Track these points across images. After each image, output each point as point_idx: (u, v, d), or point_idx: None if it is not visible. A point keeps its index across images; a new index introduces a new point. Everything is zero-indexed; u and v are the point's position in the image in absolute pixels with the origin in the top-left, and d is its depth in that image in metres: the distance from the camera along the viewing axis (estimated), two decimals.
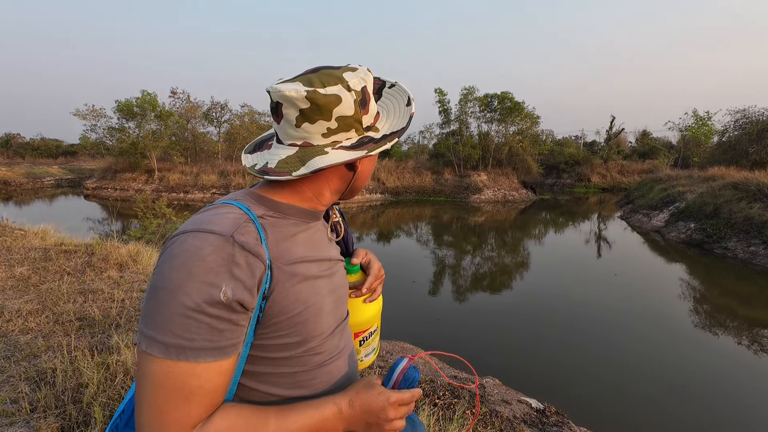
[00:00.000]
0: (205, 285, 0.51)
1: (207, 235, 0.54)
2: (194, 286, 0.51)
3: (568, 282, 8.64)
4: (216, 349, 0.53)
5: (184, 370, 0.51)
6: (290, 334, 0.62)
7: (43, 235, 5.43)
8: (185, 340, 0.51)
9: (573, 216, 19.39)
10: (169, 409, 0.52)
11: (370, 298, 0.87)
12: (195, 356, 0.52)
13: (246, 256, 0.55)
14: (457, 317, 6.68)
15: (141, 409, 0.53)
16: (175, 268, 0.52)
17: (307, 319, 0.63)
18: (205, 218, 0.58)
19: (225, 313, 0.53)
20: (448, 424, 2.48)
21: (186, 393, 0.52)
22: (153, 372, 0.52)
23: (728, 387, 4.64)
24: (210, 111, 26.01)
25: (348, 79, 0.63)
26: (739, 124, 20.56)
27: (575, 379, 4.73)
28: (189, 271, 0.52)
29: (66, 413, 1.82)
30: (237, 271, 0.53)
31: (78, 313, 2.91)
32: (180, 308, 0.51)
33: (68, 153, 43.35)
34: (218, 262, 0.53)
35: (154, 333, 0.51)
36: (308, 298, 0.63)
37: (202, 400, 0.53)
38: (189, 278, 0.51)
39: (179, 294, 0.51)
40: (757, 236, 10.29)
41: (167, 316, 0.51)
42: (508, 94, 24.45)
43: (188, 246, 0.53)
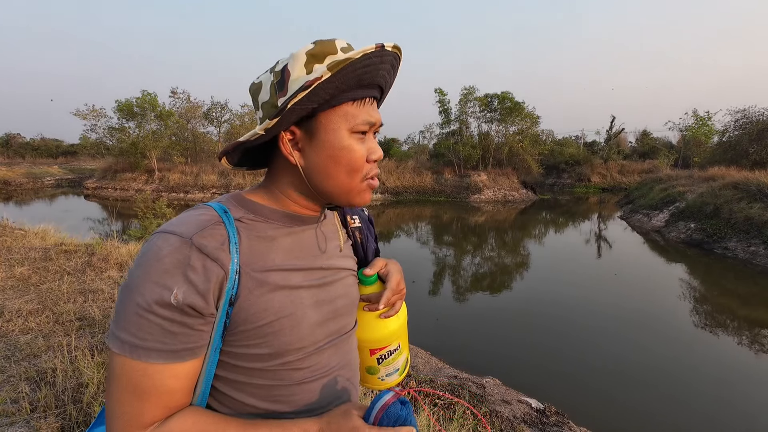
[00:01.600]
0: (157, 286, 0.51)
1: (169, 236, 0.54)
2: (148, 286, 0.51)
3: (568, 282, 8.64)
4: (168, 351, 0.52)
5: (138, 368, 0.51)
6: (260, 344, 0.58)
7: (43, 235, 5.43)
8: (138, 339, 0.51)
9: (573, 216, 19.39)
10: (124, 405, 0.52)
11: (387, 314, 0.77)
12: (146, 356, 0.51)
13: (203, 260, 0.53)
14: (457, 317, 6.67)
15: (107, 401, 0.54)
16: (137, 267, 0.53)
17: (280, 330, 0.59)
18: (178, 219, 0.57)
19: (177, 316, 0.52)
20: (448, 424, 2.48)
21: (139, 392, 0.52)
22: (113, 366, 0.52)
23: (728, 387, 4.64)
24: (210, 111, 26.00)
25: (279, 63, 0.59)
26: (739, 124, 20.54)
27: (575, 379, 4.73)
28: (147, 270, 0.52)
29: (66, 413, 1.83)
30: (191, 275, 0.52)
31: (78, 313, 2.91)
32: (134, 307, 0.51)
33: (68, 153, 43.34)
34: (173, 263, 0.52)
35: (115, 328, 0.52)
36: (282, 308, 0.59)
37: (156, 401, 0.53)
38: (145, 278, 0.52)
39: (135, 293, 0.51)
40: (758, 236, 10.28)
41: (125, 313, 0.52)
42: (508, 94, 24.45)
43: (152, 246, 0.54)
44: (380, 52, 0.57)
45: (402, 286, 0.79)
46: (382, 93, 0.66)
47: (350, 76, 0.56)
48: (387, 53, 0.58)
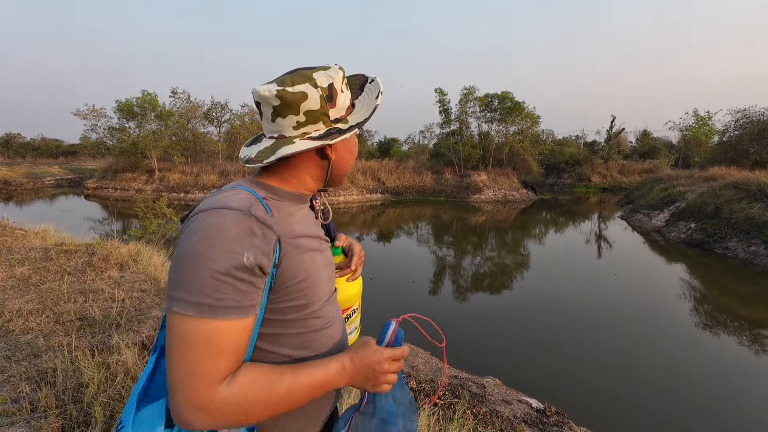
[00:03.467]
0: (230, 252, 0.59)
1: (226, 211, 0.63)
2: (221, 254, 0.59)
3: (568, 282, 8.63)
4: (240, 308, 0.61)
5: (214, 327, 0.59)
6: (297, 297, 0.70)
7: (43, 234, 5.43)
8: (215, 300, 0.58)
9: (573, 216, 19.38)
10: (202, 363, 0.58)
11: (352, 278, 0.96)
12: (224, 314, 0.59)
13: (261, 228, 0.64)
14: (457, 317, 6.67)
15: (173, 367, 0.58)
16: (200, 240, 0.60)
17: (310, 285, 0.71)
18: (219, 199, 0.66)
19: (247, 276, 0.61)
20: (449, 424, 2.48)
21: (215, 348, 0.59)
22: (186, 331, 0.58)
23: (729, 387, 4.64)
24: (210, 111, 25.99)
25: (316, 77, 0.71)
26: (739, 124, 20.52)
27: (575, 379, 4.73)
28: (214, 241, 0.59)
29: (66, 413, 1.83)
30: (255, 240, 0.62)
31: (78, 312, 2.91)
32: (209, 272, 0.58)
33: (69, 153, 43.33)
34: (239, 232, 0.61)
35: (186, 295, 0.58)
36: (309, 267, 0.71)
37: (228, 356, 0.60)
38: (216, 247, 0.59)
39: (208, 261, 0.58)
40: (758, 236, 10.27)
41: (198, 280, 0.58)
42: (508, 94, 24.43)
43: (210, 221, 0.61)
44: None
45: (363, 254, 1.02)
46: None
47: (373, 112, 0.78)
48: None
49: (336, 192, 21.63)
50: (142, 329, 2.74)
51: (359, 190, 22.64)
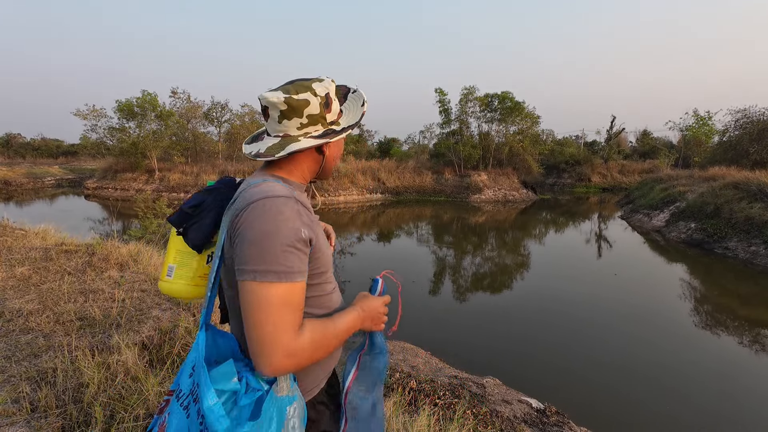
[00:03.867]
0: (292, 229, 0.76)
1: (279, 198, 0.78)
2: (285, 231, 0.75)
3: (568, 282, 8.63)
4: (302, 272, 0.78)
5: (290, 289, 0.75)
6: (320, 265, 0.87)
7: (43, 234, 5.43)
8: (287, 268, 0.75)
9: (573, 216, 19.37)
10: (284, 317, 0.73)
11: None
12: (293, 278, 0.75)
13: (305, 210, 0.82)
14: (457, 317, 6.67)
15: (260, 326, 0.72)
16: (268, 221, 0.75)
17: (325, 255, 0.88)
18: (265, 190, 0.80)
19: (304, 247, 0.78)
20: (449, 424, 2.48)
21: (292, 305, 0.75)
22: (269, 295, 0.73)
23: (729, 387, 4.63)
24: (210, 111, 25.96)
25: (315, 87, 0.88)
26: (739, 124, 20.51)
27: (575, 379, 4.73)
28: (279, 221, 0.75)
29: (67, 413, 1.83)
30: (303, 219, 0.79)
31: (79, 312, 2.91)
32: (281, 246, 0.74)
33: (69, 153, 43.32)
34: (293, 214, 0.78)
35: (266, 266, 0.73)
36: (323, 240, 0.89)
37: (299, 310, 0.77)
38: (281, 226, 0.75)
39: (279, 237, 0.74)
40: (758, 236, 10.27)
41: (273, 253, 0.74)
42: (508, 94, 24.42)
43: (270, 206, 0.76)
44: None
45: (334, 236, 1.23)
46: None
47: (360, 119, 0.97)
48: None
49: (336, 192, 21.64)
50: (142, 329, 2.74)
51: (359, 190, 22.63)
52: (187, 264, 0.97)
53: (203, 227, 0.94)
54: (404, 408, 2.69)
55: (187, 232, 0.93)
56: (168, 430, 0.78)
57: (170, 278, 0.97)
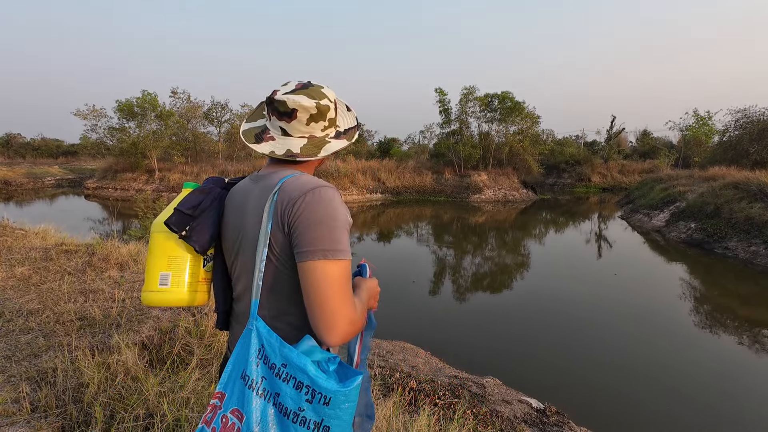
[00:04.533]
0: (344, 213, 0.86)
1: (329, 188, 0.87)
2: (341, 215, 0.85)
3: (568, 282, 8.63)
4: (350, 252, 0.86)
5: (348, 265, 0.84)
6: None
7: (43, 235, 5.43)
8: (346, 247, 0.84)
9: (573, 216, 19.37)
10: (347, 291, 0.83)
11: None
12: (349, 256, 0.84)
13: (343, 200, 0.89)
14: (457, 317, 6.67)
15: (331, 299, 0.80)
16: (330, 207, 0.84)
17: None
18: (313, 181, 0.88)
19: (349, 230, 0.88)
20: (449, 424, 2.48)
21: (349, 279, 0.84)
22: (337, 271, 0.81)
23: (729, 387, 4.63)
24: (210, 111, 25.97)
25: (327, 93, 0.97)
26: (739, 124, 20.51)
27: (576, 379, 4.73)
28: (337, 207, 0.85)
29: (67, 413, 1.83)
30: (345, 207, 0.88)
31: (79, 312, 2.91)
32: (341, 228, 0.84)
33: (69, 153, 43.31)
34: (341, 201, 0.87)
35: (334, 246, 0.81)
36: None
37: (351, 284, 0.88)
38: (339, 211, 0.85)
39: (339, 220, 0.84)
40: (758, 236, 10.27)
41: (337, 234, 0.83)
42: (508, 94, 24.41)
43: (327, 195, 0.85)
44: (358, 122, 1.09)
45: None
46: None
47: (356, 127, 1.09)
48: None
49: None
50: (142, 329, 2.74)
51: (359, 190, 22.63)
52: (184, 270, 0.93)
53: (209, 228, 0.94)
54: (404, 408, 2.69)
55: (191, 234, 0.92)
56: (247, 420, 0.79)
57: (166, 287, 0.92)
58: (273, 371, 0.82)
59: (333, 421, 0.78)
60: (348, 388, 0.78)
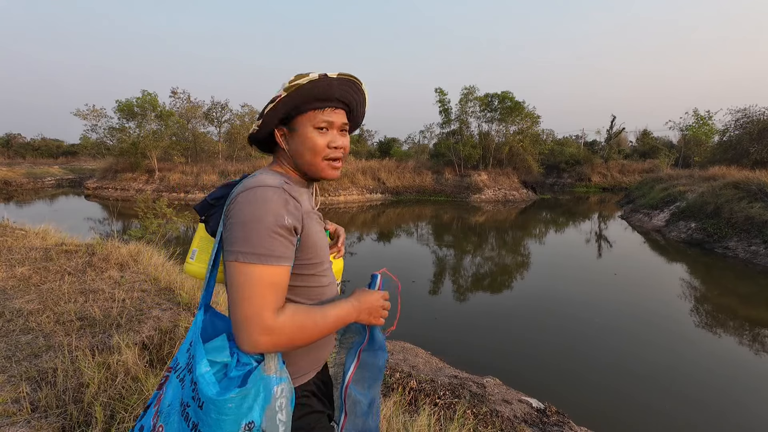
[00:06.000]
0: (276, 216, 0.80)
1: (266, 188, 0.82)
2: (269, 217, 0.79)
3: (568, 282, 8.63)
4: (287, 257, 0.82)
5: (273, 271, 0.79)
6: (314, 256, 0.91)
7: (43, 235, 5.43)
8: (270, 251, 0.79)
9: (573, 215, 19.37)
10: (267, 297, 0.77)
11: (338, 255, 1.20)
12: (277, 261, 0.79)
13: (293, 200, 0.84)
14: (457, 317, 6.67)
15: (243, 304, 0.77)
16: (255, 207, 0.80)
17: (321, 248, 0.93)
18: (257, 180, 0.84)
19: (288, 234, 0.82)
20: (449, 424, 2.48)
21: (273, 286, 0.79)
22: (251, 275, 0.77)
23: (728, 387, 4.63)
24: (210, 111, 25.96)
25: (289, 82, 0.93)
26: (739, 124, 20.52)
27: (576, 378, 4.73)
28: (264, 208, 0.79)
29: (67, 413, 1.83)
30: (290, 208, 0.82)
31: (79, 312, 2.91)
32: (264, 231, 0.78)
33: (69, 153, 43.29)
34: (279, 202, 0.81)
35: (250, 249, 0.78)
36: (319, 233, 0.94)
37: (281, 292, 0.81)
38: (265, 212, 0.79)
39: (262, 221, 0.79)
40: (758, 236, 10.27)
41: (258, 237, 0.78)
42: (508, 94, 24.40)
43: (259, 194, 0.81)
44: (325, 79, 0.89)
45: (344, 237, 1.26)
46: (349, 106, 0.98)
47: (304, 94, 0.89)
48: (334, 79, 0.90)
49: (336, 192, 21.64)
50: (142, 329, 2.74)
51: (359, 190, 22.62)
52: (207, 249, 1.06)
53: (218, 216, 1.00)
54: (404, 408, 2.69)
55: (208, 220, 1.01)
56: (164, 400, 0.86)
57: (192, 260, 1.07)
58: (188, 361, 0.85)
59: (204, 428, 0.74)
60: (220, 398, 0.73)
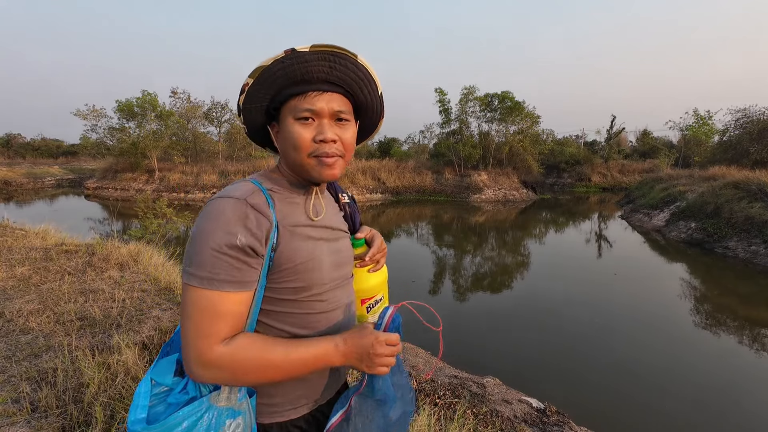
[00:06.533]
0: (226, 233, 0.68)
1: (228, 199, 0.72)
2: (219, 234, 0.68)
3: (568, 282, 8.63)
4: (235, 282, 0.70)
5: (215, 297, 0.68)
6: (295, 280, 0.77)
7: (43, 235, 5.43)
8: (212, 273, 0.68)
9: (573, 215, 19.37)
10: (206, 325, 0.68)
11: (374, 269, 0.99)
12: (220, 286, 0.69)
13: (255, 214, 0.72)
14: (457, 317, 6.67)
15: (185, 328, 0.69)
16: (205, 222, 0.70)
17: (308, 269, 0.78)
18: (228, 189, 0.76)
19: (241, 255, 0.69)
20: (449, 424, 2.48)
21: (216, 314, 0.69)
22: (193, 299, 0.68)
23: (728, 387, 4.63)
24: (210, 111, 25.97)
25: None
26: (739, 124, 20.52)
27: (576, 378, 4.73)
28: (215, 223, 0.69)
29: (67, 413, 1.83)
30: (249, 224, 0.70)
31: (79, 312, 2.91)
32: (209, 250, 0.68)
33: (69, 153, 43.30)
34: (235, 217, 0.70)
35: (193, 269, 0.69)
36: (308, 252, 0.79)
37: (227, 321, 0.70)
38: (215, 228, 0.69)
39: (209, 239, 0.68)
40: (758, 236, 10.26)
41: (201, 256, 0.68)
42: (508, 94, 24.39)
43: (215, 206, 0.71)
44: (294, 56, 0.72)
45: (384, 246, 1.04)
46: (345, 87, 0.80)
47: (275, 78, 0.75)
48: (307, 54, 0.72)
49: None
50: (142, 329, 2.74)
51: (359, 189, 22.62)
52: None
53: None
54: None
55: None
56: None
57: None
58: None
59: None
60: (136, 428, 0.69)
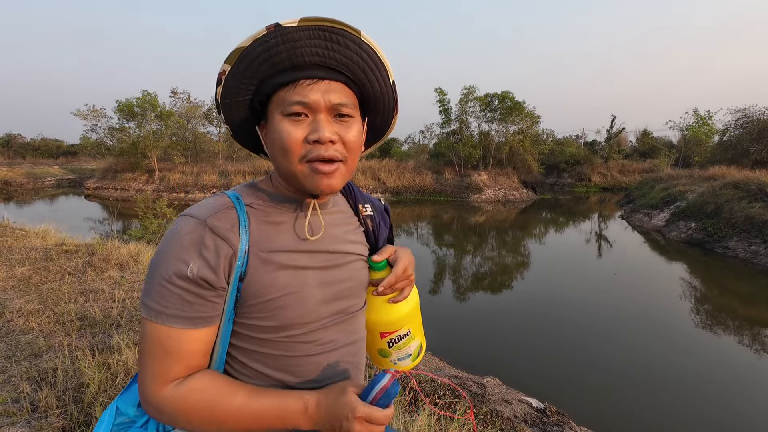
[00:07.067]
0: (177, 260, 0.58)
1: (189, 218, 0.61)
2: (170, 261, 0.58)
3: (568, 282, 8.63)
4: (186, 318, 0.59)
5: (163, 332, 0.59)
6: (267, 317, 0.64)
7: (44, 235, 5.43)
8: (162, 307, 0.59)
9: (573, 215, 19.37)
10: (155, 363, 0.60)
11: (395, 299, 0.80)
12: (168, 321, 0.59)
13: (214, 239, 0.60)
14: (457, 317, 6.67)
15: (139, 362, 0.62)
16: (163, 245, 0.61)
17: (285, 306, 0.64)
18: (197, 204, 0.64)
19: (192, 287, 0.59)
20: (449, 424, 2.48)
21: (165, 351, 0.59)
22: (145, 331, 0.60)
23: (728, 387, 4.63)
24: (210, 111, 25.97)
25: None
26: (739, 124, 20.54)
27: (576, 378, 4.73)
28: (169, 248, 0.60)
29: (67, 413, 1.83)
30: (204, 252, 0.59)
31: (79, 313, 2.91)
32: (159, 278, 0.59)
33: (69, 153, 43.33)
34: (190, 241, 0.59)
35: (144, 297, 0.60)
36: (287, 285, 0.64)
37: (178, 360, 0.60)
38: (168, 254, 0.59)
39: (160, 266, 0.59)
40: (758, 236, 10.27)
41: (152, 284, 0.59)
42: (508, 94, 24.40)
43: (175, 227, 0.61)
44: (279, 32, 0.56)
45: (410, 272, 0.82)
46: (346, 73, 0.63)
47: (257, 64, 0.59)
48: (294, 30, 0.57)
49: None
50: None
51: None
52: None
53: None
54: (404, 408, 2.69)
55: None
56: None
57: None
58: None
59: None
60: None
